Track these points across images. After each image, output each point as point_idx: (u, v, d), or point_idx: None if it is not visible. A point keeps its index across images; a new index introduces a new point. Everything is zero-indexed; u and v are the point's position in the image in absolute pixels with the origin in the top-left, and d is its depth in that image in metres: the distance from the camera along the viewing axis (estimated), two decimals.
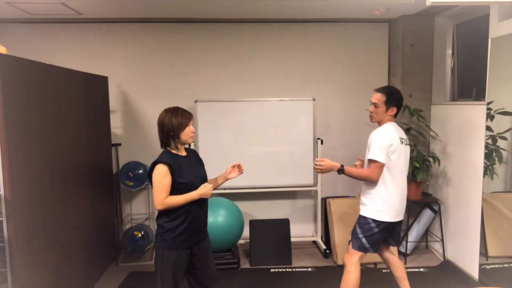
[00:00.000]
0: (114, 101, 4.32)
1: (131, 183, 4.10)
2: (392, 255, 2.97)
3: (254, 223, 4.11)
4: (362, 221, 2.78)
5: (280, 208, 4.58)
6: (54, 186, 2.87)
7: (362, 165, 2.97)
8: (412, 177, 4.02)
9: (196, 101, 4.09)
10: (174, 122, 2.34)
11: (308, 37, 4.42)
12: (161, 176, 2.28)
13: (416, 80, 4.24)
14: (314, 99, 4.16)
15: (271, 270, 3.88)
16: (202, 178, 2.47)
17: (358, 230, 2.78)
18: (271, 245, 4.04)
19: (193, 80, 4.39)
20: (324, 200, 4.34)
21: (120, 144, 4.39)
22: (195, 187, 2.37)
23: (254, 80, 4.43)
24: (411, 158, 3.92)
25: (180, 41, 4.33)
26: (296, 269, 3.87)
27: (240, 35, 4.37)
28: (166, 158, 2.33)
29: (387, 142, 2.65)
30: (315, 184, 4.28)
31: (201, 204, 2.43)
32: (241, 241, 4.30)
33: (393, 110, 2.76)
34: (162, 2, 3.54)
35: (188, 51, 4.35)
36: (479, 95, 3.71)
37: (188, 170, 2.38)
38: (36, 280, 2.61)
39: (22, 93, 2.51)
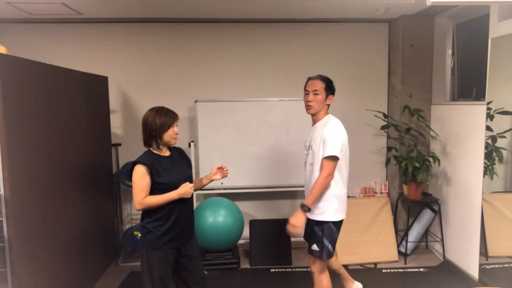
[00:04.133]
0: (114, 101, 4.32)
1: (131, 183, 4.10)
2: None
3: (254, 223, 4.10)
4: (325, 228, 2.62)
5: (280, 208, 4.58)
6: (54, 186, 2.87)
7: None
8: (412, 177, 4.02)
9: (196, 101, 4.09)
10: (157, 122, 2.30)
11: (308, 37, 4.42)
12: (140, 176, 2.29)
13: (416, 80, 4.24)
14: None
15: (271, 270, 3.88)
16: (186, 178, 2.41)
17: (325, 241, 2.61)
18: (271, 245, 4.04)
19: (193, 80, 4.39)
20: None
21: (120, 144, 4.39)
22: (176, 187, 2.32)
23: (254, 80, 4.43)
24: (411, 158, 3.92)
25: (180, 41, 4.33)
26: (296, 269, 3.87)
27: (240, 35, 4.37)
28: (146, 158, 2.32)
29: (343, 138, 2.58)
30: None
31: (184, 203, 2.38)
32: (241, 241, 4.30)
33: (331, 99, 2.67)
34: (162, 2, 3.54)
35: (188, 51, 4.35)
36: (479, 95, 3.71)
37: (169, 170, 2.35)
38: (36, 280, 2.61)
39: (22, 93, 2.51)
